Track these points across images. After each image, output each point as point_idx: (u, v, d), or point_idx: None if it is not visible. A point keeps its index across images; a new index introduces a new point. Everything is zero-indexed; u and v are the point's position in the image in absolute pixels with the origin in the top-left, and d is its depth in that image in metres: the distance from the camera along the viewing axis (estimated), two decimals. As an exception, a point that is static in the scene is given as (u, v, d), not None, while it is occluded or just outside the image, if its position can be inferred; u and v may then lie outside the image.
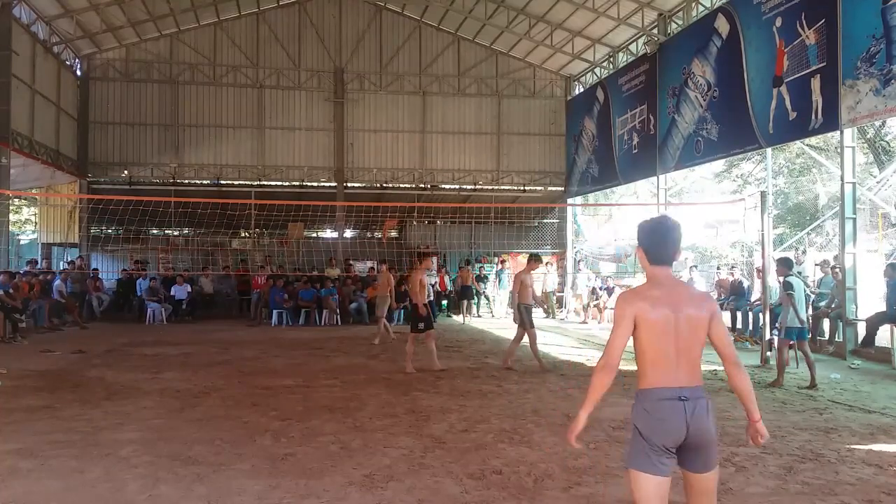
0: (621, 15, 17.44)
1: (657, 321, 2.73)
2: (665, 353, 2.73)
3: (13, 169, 15.28)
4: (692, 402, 2.69)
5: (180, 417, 6.46)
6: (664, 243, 2.85)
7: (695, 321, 2.76)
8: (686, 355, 2.76)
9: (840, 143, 11.67)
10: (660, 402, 2.70)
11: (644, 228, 2.90)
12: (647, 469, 2.68)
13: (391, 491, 4.37)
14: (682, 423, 2.67)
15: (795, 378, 8.89)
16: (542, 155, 22.65)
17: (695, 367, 2.80)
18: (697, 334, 2.78)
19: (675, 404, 2.69)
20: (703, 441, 2.70)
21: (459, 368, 9.54)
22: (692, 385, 2.74)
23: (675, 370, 2.73)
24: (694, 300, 2.80)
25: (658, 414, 2.69)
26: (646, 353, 2.76)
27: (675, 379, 2.72)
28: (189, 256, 20.74)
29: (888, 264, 10.56)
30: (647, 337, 2.74)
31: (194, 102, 20.83)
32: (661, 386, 2.72)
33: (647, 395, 2.74)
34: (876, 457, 5.19)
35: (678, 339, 2.74)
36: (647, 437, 2.69)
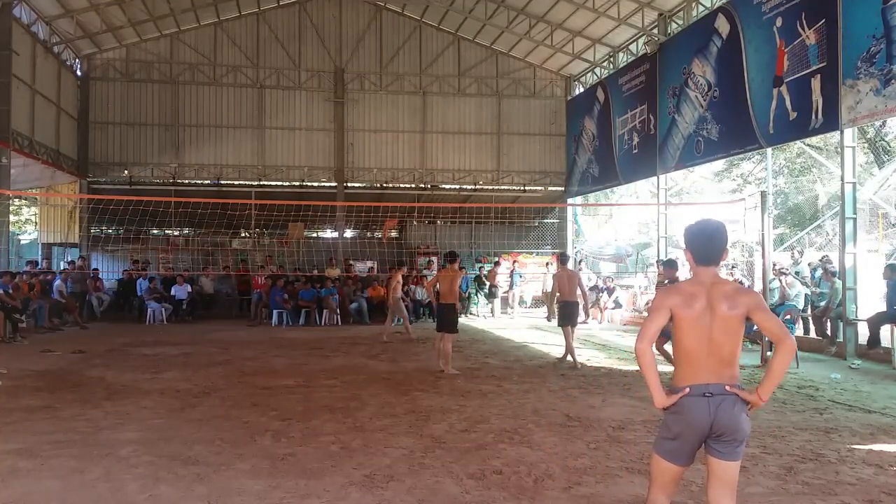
0: (621, 15, 17.44)
1: (689, 317, 2.86)
2: (696, 350, 2.86)
3: (13, 169, 15.28)
4: (717, 398, 2.82)
5: (180, 417, 6.46)
6: (708, 245, 2.97)
7: (729, 319, 2.84)
8: (717, 352, 2.85)
9: (840, 143, 11.67)
10: (686, 398, 2.85)
11: (690, 231, 3.04)
12: (667, 458, 2.92)
13: (391, 491, 4.37)
14: (707, 419, 2.82)
15: (795, 378, 8.89)
16: (542, 155, 22.66)
17: (725, 364, 2.87)
18: (731, 332, 2.86)
19: (700, 401, 2.83)
20: (728, 432, 2.84)
21: (459, 368, 9.53)
22: (719, 381, 2.84)
23: (704, 366, 2.85)
24: (731, 298, 2.87)
25: (684, 410, 2.85)
26: (678, 348, 2.92)
27: (702, 375, 2.85)
28: (189, 256, 20.74)
29: (887, 265, 10.57)
30: (680, 332, 2.89)
31: (194, 102, 20.84)
32: (689, 382, 2.86)
33: (675, 391, 2.90)
34: (876, 457, 5.19)
35: (710, 337, 2.84)
36: (672, 427, 2.90)
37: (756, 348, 11.17)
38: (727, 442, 2.88)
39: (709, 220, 3.06)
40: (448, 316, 9.27)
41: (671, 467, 2.94)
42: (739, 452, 2.92)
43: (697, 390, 2.84)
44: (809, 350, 11.15)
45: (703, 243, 2.98)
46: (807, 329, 12.04)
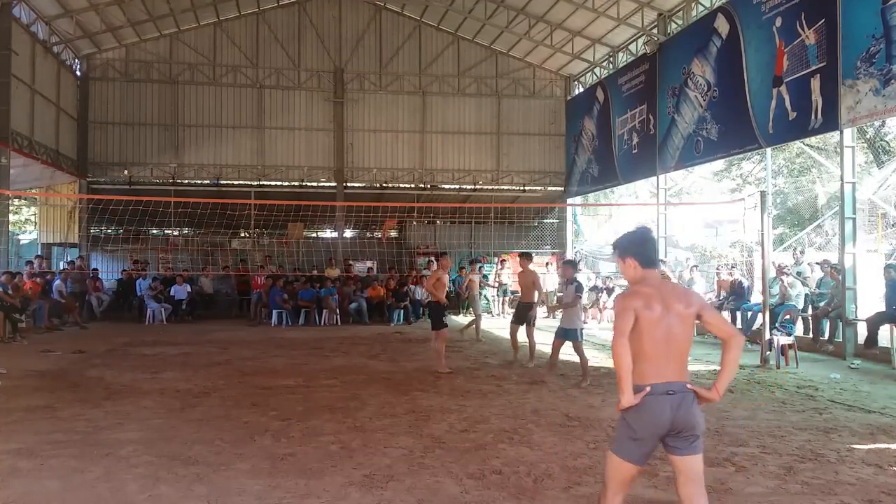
0: (621, 15, 17.44)
1: (651, 318, 2.94)
2: (657, 348, 2.94)
3: (13, 169, 15.27)
4: (679, 396, 2.93)
5: (180, 417, 6.46)
6: (650, 248, 3.14)
7: (683, 316, 2.98)
8: (676, 351, 2.97)
9: (840, 143, 11.67)
10: (649, 396, 2.92)
11: (633, 239, 3.18)
12: (627, 457, 2.96)
13: (391, 491, 4.37)
14: (668, 416, 2.90)
15: (795, 378, 8.89)
16: (542, 155, 22.66)
17: (683, 362, 3.01)
18: (686, 330, 2.99)
19: (663, 398, 2.91)
20: (687, 428, 2.94)
21: (459, 368, 9.54)
22: (680, 380, 2.95)
23: (665, 366, 2.94)
24: (682, 297, 3.02)
25: (646, 407, 2.91)
26: (639, 348, 2.96)
27: (664, 374, 2.94)
28: (189, 256, 20.74)
29: (886, 265, 10.58)
30: (640, 333, 2.95)
31: (194, 102, 20.84)
32: (652, 382, 2.93)
33: (639, 390, 2.95)
34: (876, 457, 5.20)
35: (669, 335, 2.95)
36: (635, 427, 2.94)
37: (756, 348, 11.18)
38: (686, 438, 2.96)
39: (644, 226, 3.26)
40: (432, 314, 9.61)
41: (631, 468, 2.97)
42: (700, 446, 3.01)
43: (661, 388, 2.91)
44: (809, 350, 11.15)
45: (646, 248, 3.13)
46: (807, 329, 12.05)
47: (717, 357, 2.95)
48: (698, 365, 9.97)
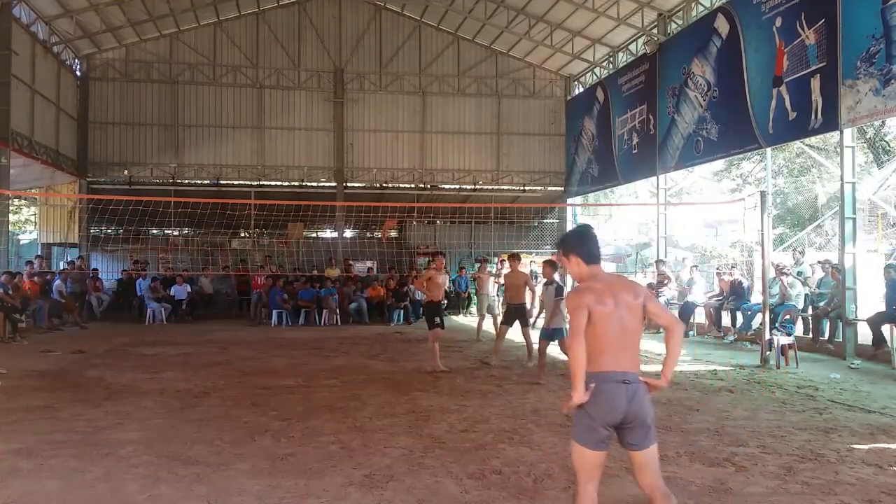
0: (621, 15, 17.44)
1: (604, 311, 3.05)
2: (612, 340, 3.04)
3: (13, 169, 15.27)
4: (633, 386, 3.02)
5: (180, 417, 6.46)
6: (594, 244, 3.26)
7: (633, 307, 3.09)
8: (629, 341, 3.08)
9: (840, 143, 11.67)
10: (606, 384, 3.01)
11: (574, 237, 3.30)
12: (588, 444, 3.04)
13: (391, 491, 4.37)
14: (623, 404, 2.99)
15: (795, 378, 8.89)
16: (542, 155, 22.66)
17: (636, 353, 3.12)
18: (637, 320, 3.11)
19: (619, 387, 3.00)
20: (640, 420, 3.03)
21: (459, 368, 9.54)
22: (634, 370, 3.06)
23: (620, 356, 3.05)
24: (629, 289, 3.15)
25: (604, 396, 3.00)
26: (594, 340, 3.05)
27: (619, 364, 3.04)
28: (189, 256, 20.74)
29: (886, 265, 10.57)
30: (596, 326, 3.04)
31: (194, 102, 20.84)
32: (608, 370, 3.03)
33: (595, 378, 3.04)
34: (876, 457, 5.19)
35: (622, 326, 3.06)
36: (592, 414, 3.02)
37: (755, 348, 11.18)
38: (639, 429, 3.05)
39: (582, 225, 3.39)
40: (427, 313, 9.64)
41: (593, 454, 3.05)
42: (654, 436, 3.11)
43: (617, 377, 3.01)
44: (809, 350, 11.15)
45: (588, 245, 3.24)
46: (807, 329, 12.05)
47: (716, 357, 2.96)
48: (698, 365, 9.98)
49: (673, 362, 3.16)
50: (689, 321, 13.85)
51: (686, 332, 13.64)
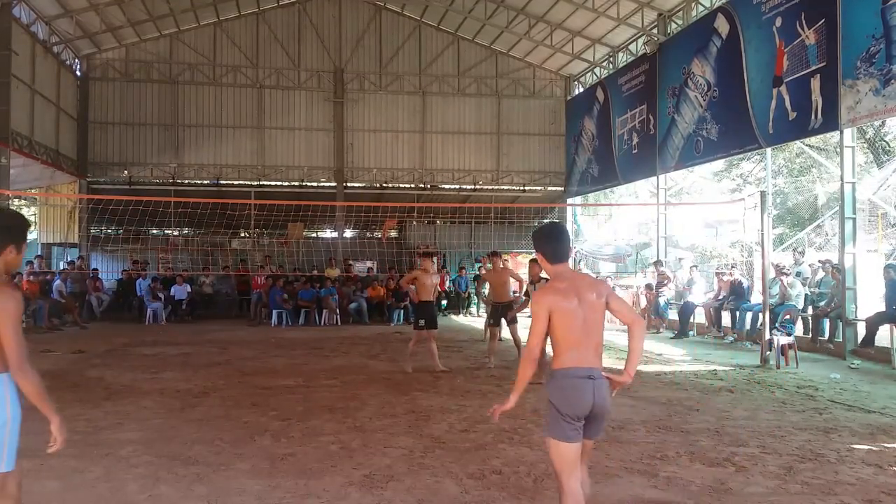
0: (621, 15, 17.44)
1: (568, 309, 3.11)
2: (576, 337, 3.12)
3: (13, 169, 15.27)
4: (598, 381, 3.11)
5: (180, 417, 6.46)
6: (560, 244, 3.30)
7: (596, 305, 3.16)
8: (593, 338, 3.15)
9: (840, 143, 11.67)
10: (573, 380, 3.10)
11: (543, 234, 3.35)
12: (562, 438, 3.10)
13: (391, 491, 4.37)
14: (590, 399, 3.08)
15: (795, 378, 8.89)
16: (542, 155, 22.67)
17: (599, 349, 3.19)
18: (599, 318, 3.18)
19: (586, 382, 3.09)
20: (602, 413, 3.15)
21: (459, 368, 9.54)
22: (597, 367, 3.14)
23: (585, 352, 3.12)
24: (592, 287, 3.21)
25: (571, 391, 3.09)
26: (560, 337, 3.14)
27: (584, 360, 3.11)
28: (189, 256, 20.74)
29: (886, 265, 10.57)
30: (560, 324, 3.12)
31: (194, 102, 20.84)
32: (574, 366, 3.11)
33: (562, 375, 3.13)
34: (876, 457, 5.19)
35: (585, 323, 3.13)
36: (562, 410, 3.10)
37: (755, 348, 11.18)
38: (598, 422, 3.18)
39: (553, 222, 3.50)
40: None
41: (569, 447, 3.11)
42: (603, 428, 3.28)
43: (583, 373, 3.10)
44: (809, 350, 11.15)
45: (553, 243, 3.30)
46: (807, 329, 12.05)
47: (716, 356, 2.96)
48: (698, 365, 9.98)
49: (635, 358, 3.24)
50: (689, 321, 13.85)
51: (686, 332, 13.67)
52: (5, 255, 2.90)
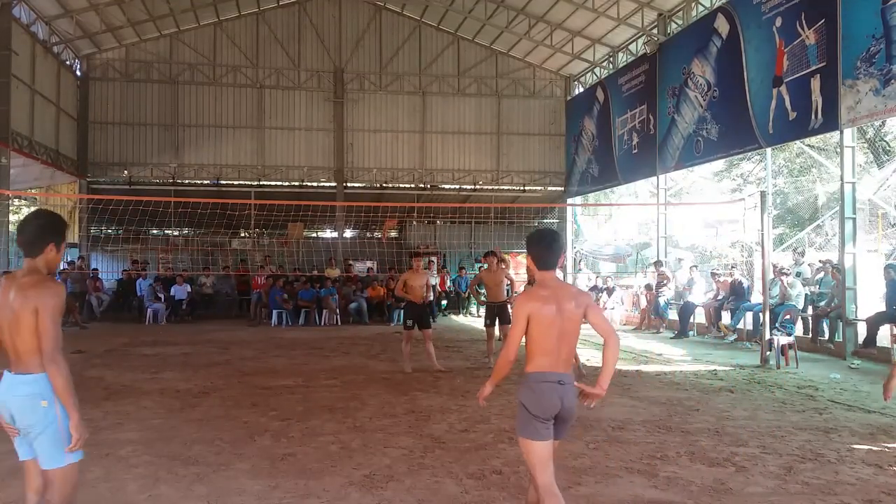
0: (621, 15, 17.44)
1: (545, 317, 3.22)
2: (549, 344, 3.23)
3: (13, 169, 15.27)
4: (566, 386, 3.23)
5: (180, 417, 6.46)
6: (549, 252, 3.35)
7: (573, 316, 3.25)
8: (566, 346, 3.26)
9: (840, 143, 11.67)
10: (543, 384, 3.22)
11: (534, 240, 3.39)
12: (534, 437, 3.23)
13: (391, 491, 4.37)
14: (558, 402, 3.21)
15: (795, 378, 8.89)
16: (542, 155, 22.66)
17: (571, 356, 3.34)
18: (575, 327, 3.28)
19: (555, 386, 3.21)
20: (568, 417, 3.28)
21: (459, 368, 9.54)
22: (567, 372, 3.27)
23: (557, 358, 3.24)
24: (573, 297, 3.29)
25: (541, 394, 3.22)
26: (535, 343, 3.25)
27: (556, 365, 3.24)
28: (189, 256, 20.74)
29: (886, 265, 10.57)
30: (536, 330, 3.23)
31: (194, 102, 20.84)
32: (545, 370, 3.23)
33: (534, 379, 3.25)
34: (876, 457, 5.19)
35: (561, 332, 3.23)
36: (532, 411, 3.22)
37: (756, 347, 11.18)
38: (565, 424, 3.31)
39: (547, 229, 3.47)
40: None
41: (540, 445, 3.22)
42: (568, 430, 3.41)
43: (553, 377, 3.22)
44: (809, 350, 11.15)
45: (543, 251, 3.34)
46: (807, 329, 12.05)
47: (716, 357, 2.96)
48: (698, 365, 9.98)
49: (609, 371, 3.30)
50: (689, 321, 13.85)
51: (686, 332, 13.67)
52: (46, 254, 3.10)
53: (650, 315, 15.26)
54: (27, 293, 2.96)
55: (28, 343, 2.92)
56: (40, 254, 3.08)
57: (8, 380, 2.96)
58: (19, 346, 2.94)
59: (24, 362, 2.94)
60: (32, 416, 2.91)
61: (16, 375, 2.94)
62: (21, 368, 2.94)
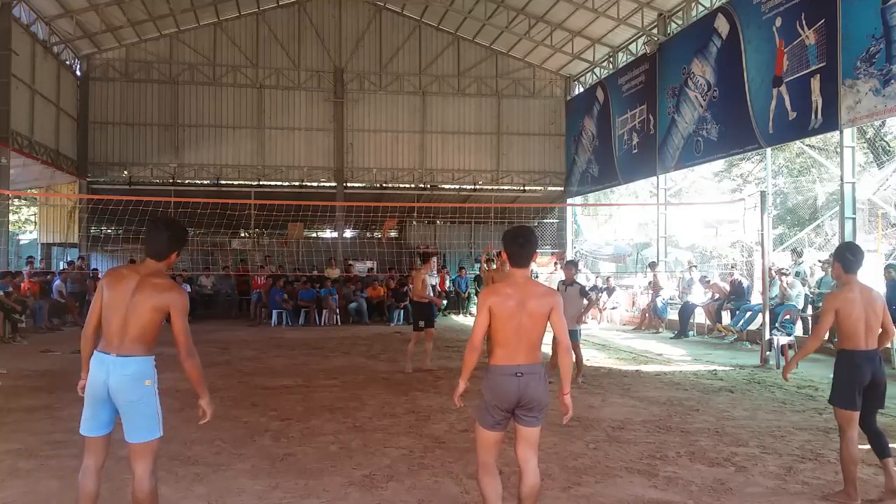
0: (621, 15, 17.45)
1: (504, 312, 3.36)
2: (508, 337, 3.38)
3: (13, 169, 15.28)
4: (526, 377, 3.36)
5: (180, 417, 6.45)
6: (521, 250, 3.46)
7: (536, 313, 3.37)
8: (526, 340, 3.38)
9: (840, 143, 11.68)
10: (501, 376, 3.39)
11: (507, 237, 3.51)
12: (483, 423, 3.45)
13: (391, 491, 4.37)
14: (515, 393, 3.36)
15: (795, 378, 8.88)
16: (542, 155, 22.67)
17: (533, 349, 3.43)
18: (536, 323, 3.40)
19: (512, 378, 3.36)
20: (532, 404, 3.40)
21: (459, 368, 9.52)
22: (529, 363, 3.39)
23: (516, 351, 3.38)
24: (538, 296, 3.40)
25: (498, 385, 3.39)
26: (495, 336, 3.42)
27: (514, 358, 3.37)
28: (189, 256, 20.74)
29: (886, 265, 10.57)
30: (496, 323, 3.39)
31: (194, 102, 20.85)
32: (504, 363, 3.39)
33: (493, 370, 3.43)
34: (875, 457, 5.18)
35: (520, 327, 3.36)
36: (489, 401, 3.41)
37: (755, 347, 11.18)
38: (531, 410, 3.42)
39: (522, 227, 3.59)
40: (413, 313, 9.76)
41: (488, 434, 3.44)
42: (540, 419, 3.49)
43: (509, 370, 3.36)
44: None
45: (516, 249, 3.47)
46: (807, 329, 12.03)
47: (716, 357, 2.96)
48: (698, 365, 9.98)
49: (567, 376, 3.56)
50: (689, 321, 13.84)
51: (686, 332, 13.66)
52: (170, 259, 3.48)
53: (650, 315, 15.24)
54: (162, 293, 3.34)
55: (140, 330, 3.28)
56: (166, 259, 3.44)
57: (111, 360, 3.25)
58: (132, 332, 3.26)
59: (129, 347, 3.27)
60: (135, 393, 3.26)
61: (119, 357, 3.25)
62: (125, 351, 3.26)
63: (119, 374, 3.24)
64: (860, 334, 4.27)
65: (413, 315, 9.64)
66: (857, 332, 4.26)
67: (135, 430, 3.31)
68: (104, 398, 3.27)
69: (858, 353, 4.30)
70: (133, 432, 3.32)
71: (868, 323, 4.25)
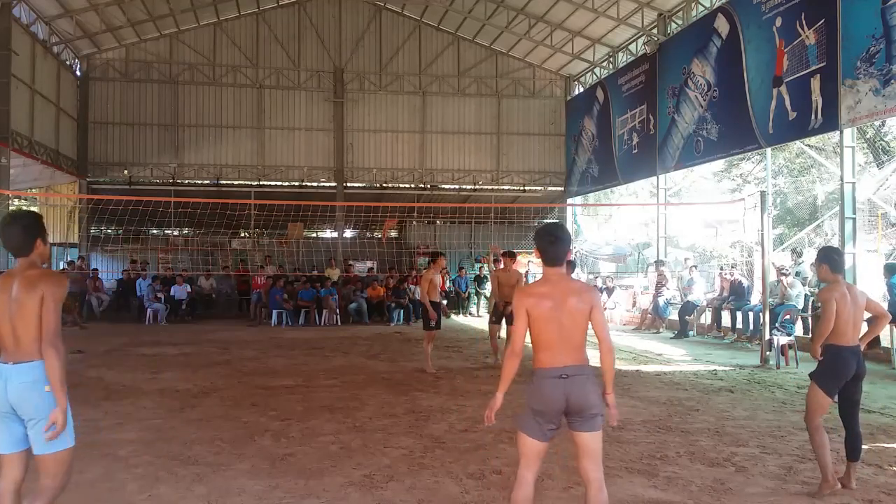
0: (621, 15, 17.45)
1: (542, 313, 3.23)
2: (550, 339, 3.23)
3: (13, 169, 15.27)
4: (572, 379, 3.19)
5: (180, 417, 6.46)
6: (554, 248, 3.33)
7: (576, 312, 3.23)
8: (568, 340, 3.23)
9: (840, 143, 11.68)
10: (545, 379, 3.22)
11: (539, 235, 3.40)
12: (526, 430, 3.28)
13: (391, 491, 4.37)
14: (562, 396, 3.18)
15: (795, 378, 8.89)
16: (542, 155, 22.67)
17: (577, 349, 3.26)
18: (578, 322, 3.25)
19: (557, 381, 3.19)
20: (582, 407, 3.20)
21: (459, 368, 9.54)
22: (574, 363, 3.22)
23: (559, 353, 3.22)
24: (577, 293, 3.26)
25: (543, 389, 3.22)
26: (536, 339, 3.29)
27: (558, 360, 3.22)
28: (189, 256, 20.74)
29: (886, 265, 10.57)
30: (535, 326, 3.25)
31: (194, 102, 20.84)
32: (547, 366, 3.23)
33: (537, 374, 3.27)
34: (876, 457, 5.19)
35: (561, 327, 3.22)
36: (533, 407, 3.25)
37: (755, 347, 11.18)
38: (583, 416, 3.22)
39: (555, 224, 3.51)
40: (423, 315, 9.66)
41: (533, 443, 3.26)
42: (598, 424, 3.26)
43: (554, 373, 3.20)
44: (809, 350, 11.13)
45: (548, 246, 3.33)
46: (807, 329, 12.03)
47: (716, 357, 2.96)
48: (698, 365, 9.98)
49: (610, 376, 3.34)
50: (690, 321, 13.84)
51: (686, 332, 13.66)
52: (36, 249, 3.25)
53: (650, 314, 15.23)
54: (35, 283, 3.10)
55: (31, 331, 3.07)
56: (32, 251, 3.23)
57: (8, 369, 3.04)
58: (21, 334, 3.06)
59: (24, 350, 3.06)
60: (36, 401, 3.02)
61: (15, 365, 3.04)
62: (20, 357, 3.05)
63: (17, 382, 3.00)
64: (848, 331, 4.42)
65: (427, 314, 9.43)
66: (846, 329, 4.41)
67: (40, 441, 3.02)
68: (8, 412, 3.02)
69: (846, 348, 4.41)
70: (41, 444, 3.03)
71: (854, 320, 4.43)
